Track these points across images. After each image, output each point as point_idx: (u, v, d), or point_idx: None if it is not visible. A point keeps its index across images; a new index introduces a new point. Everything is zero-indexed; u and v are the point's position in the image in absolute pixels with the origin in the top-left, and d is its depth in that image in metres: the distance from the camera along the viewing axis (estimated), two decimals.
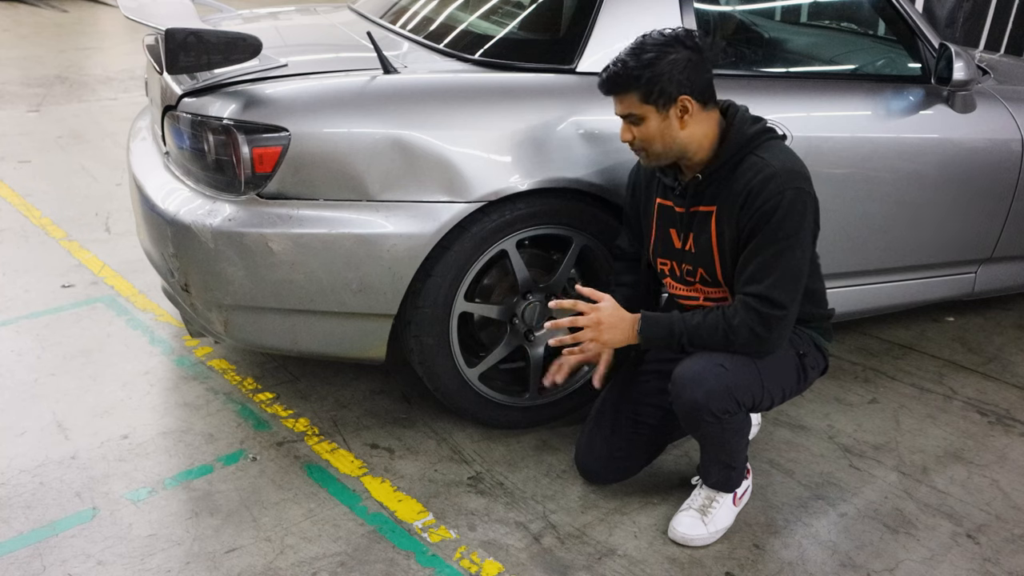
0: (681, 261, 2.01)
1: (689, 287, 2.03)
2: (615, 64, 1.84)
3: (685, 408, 1.89)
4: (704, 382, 1.85)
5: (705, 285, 2.00)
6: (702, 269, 1.97)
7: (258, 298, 2.09)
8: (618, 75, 1.83)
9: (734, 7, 2.79)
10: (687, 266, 2.00)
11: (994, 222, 2.83)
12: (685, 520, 2.02)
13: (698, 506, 2.04)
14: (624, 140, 1.91)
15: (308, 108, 2.03)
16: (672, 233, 2.01)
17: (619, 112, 1.88)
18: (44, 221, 3.70)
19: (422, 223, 2.06)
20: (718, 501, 2.04)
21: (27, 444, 2.25)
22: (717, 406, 1.86)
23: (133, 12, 2.17)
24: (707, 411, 1.86)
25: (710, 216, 1.92)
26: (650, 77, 1.80)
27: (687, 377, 1.88)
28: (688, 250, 1.99)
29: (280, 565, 1.89)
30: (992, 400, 2.72)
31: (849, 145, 2.46)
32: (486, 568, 1.92)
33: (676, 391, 1.89)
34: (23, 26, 8.41)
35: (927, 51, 2.63)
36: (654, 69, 1.80)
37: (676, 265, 2.03)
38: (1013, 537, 2.11)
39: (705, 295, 2.01)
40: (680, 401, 1.89)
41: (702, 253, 1.95)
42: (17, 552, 1.89)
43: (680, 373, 1.89)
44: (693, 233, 1.96)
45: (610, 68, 1.85)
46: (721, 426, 1.90)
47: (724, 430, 1.91)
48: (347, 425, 2.41)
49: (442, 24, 2.59)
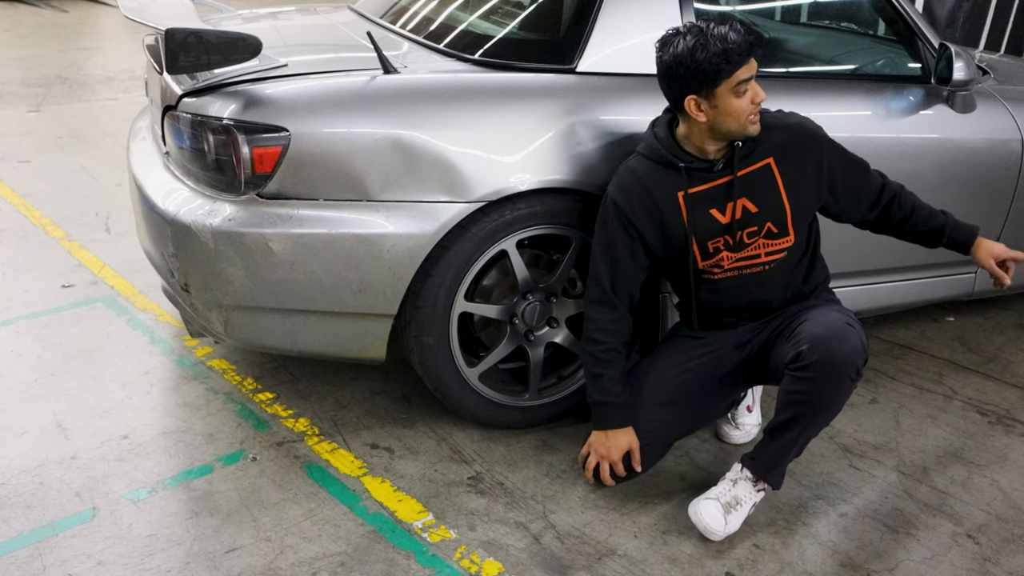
0: (739, 229, 2.04)
1: (749, 247, 2.06)
2: (732, 30, 1.89)
3: (833, 365, 1.90)
4: (849, 339, 1.92)
5: (770, 238, 2.05)
6: (770, 223, 2.04)
7: (258, 298, 2.09)
8: (747, 40, 1.90)
9: (734, 7, 2.79)
10: (749, 228, 2.04)
11: (994, 222, 2.83)
12: (712, 510, 2.01)
13: (725, 501, 2.03)
14: (761, 100, 1.96)
15: (308, 108, 2.03)
16: (713, 213, 2.03)
17: (748, 75, 1.93)
18: (44, 221, 3.70)
19: (422, 223, 2.06)
20: (743, 504, 2.03)
21: (27, 444, 2.25)
22: (861, 362, 1.94)
23: (133, 12, 2.17)
24: (854, 368, 1.92)
25: (769, 167, 2.03)
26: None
27: (832, 336, 1.92)
28: (744, 215, 2.03)
29: (280, 565, 1.89)
30: (992, 400, 2.72)
31: (849, 145, 2.43)
32: (486, 568, 1.92)
33: (823, 350, 1.90)
34: (23, 26, 8.41)
35: (927, 51, 2.63)
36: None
37: (731, 237, 2.04)
38: (1013, 537, 2.11)
39: (767, 249, 2.06)
40: (829, 359, 1.90)
41: (769, 206, 2.03)
42: (17, 552, 1.89)
43: (820, 334, 1.93)
44: (747, 195, 2.02)
45: (735, 37, 1.88)
46: (852, 387, 1.95)
47: (850, 392, 1.96)
48: (347, 425, 2.41)
49: (442, 24, 2.59)
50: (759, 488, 2.05)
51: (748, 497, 2.04)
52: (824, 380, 1.92)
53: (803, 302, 2.13)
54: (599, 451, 2.10)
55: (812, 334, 1.94)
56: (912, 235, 2.22)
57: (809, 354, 1.91)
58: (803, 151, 2.06)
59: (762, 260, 2.07)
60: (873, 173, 2.17)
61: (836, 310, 2.05)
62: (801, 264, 2.14)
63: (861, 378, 1.97)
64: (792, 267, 2.11)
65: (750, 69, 1.92)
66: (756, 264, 2.08)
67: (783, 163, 2.04)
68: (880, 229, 2.23)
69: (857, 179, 2.14)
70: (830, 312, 2.02)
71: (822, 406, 1.97)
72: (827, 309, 2.05)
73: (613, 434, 2.09)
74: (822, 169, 2.08)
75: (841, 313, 2.03)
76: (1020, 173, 2.77)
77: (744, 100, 1.93)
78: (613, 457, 2.08)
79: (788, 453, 2.04)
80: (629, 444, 2.08)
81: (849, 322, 1.97)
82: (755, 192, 2.03)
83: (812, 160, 2.07)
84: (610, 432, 2.09)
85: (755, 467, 2.05)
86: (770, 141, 2.04)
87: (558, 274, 2.29)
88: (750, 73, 1.92)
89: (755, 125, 1.97)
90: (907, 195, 2.18)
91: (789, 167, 2.04)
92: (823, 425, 2.02)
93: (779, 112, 2.11)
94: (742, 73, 1.90)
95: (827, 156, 2.08)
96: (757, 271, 2.08)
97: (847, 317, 2.00)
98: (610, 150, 2.17)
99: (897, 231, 2.22)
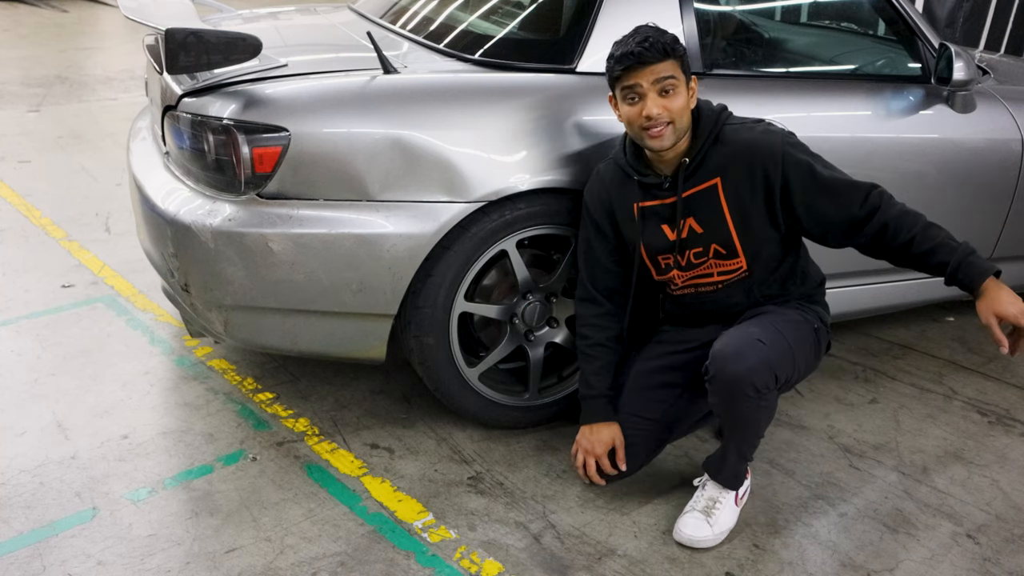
0: (685, 248, 2.02)
1: (698, 268, 2.04)
2: (644, 36, 1.86)
3: (727, 382, 1.88)
4: (746, 357, 1.87)
5: (720, 259, 2.01)
6: (716, 244, 1.99)
7: (258, 298, 2.09)
8: (658, 42, 1.85)
9: (734, 7, 2.79)
10: (696, 249, 2.01)
11: (994, 222, 2.83)
12: (690, 522, 2.02)
13: (701, 507, 2.04)
14: (652, 115, 1.86)
15: (308, 108, 2.03)
16: (664, 229, 2.02)
17: (650, 81, 1.86)
18: (44, 221, 3.70)
19: (422, 223, 2.06)
20: (721, 502, 2.04)
21: (27, 444, 2.25)
22: (759, 380, 1.87)
23: (133, 12, 2.17)
24: (750, 386, 1.86)
25: (715, 189, 1.95)
26: (683, 49, 1.90)
27: (729, 353, 1.88)
28: (690, 235, 2.00)
29: (280, 565, 1.89)
30: (992, 400, 2.72)
31: (849, 145, 2.46)
32: (486, 568, 1.92)
33: (718, 366, 1.89)
34: (23, 26, 8.41)
35: (927, 51, 2.63)
36: (680, 44, 1.90)
37: (679, 256, 2.03)
38: (1013, 537, 2.11)
39: (719, 269, 2.03)
40: (722, 376, 1.88)
41: (714, 228, 1.98)
42: (17, 552, 1.89)
43: (720, 350, 1.90)
44: (693, 216, 1.98)
45: (639, 40, 1.85)
46: (758, 403, 1.90)
47: (759, 408, 1.92)
48: (347, 425, 2.41)
49: (442, 24, 2.59)
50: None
51: (724, 493, 2.05)
52: (723, 396, 1.92)
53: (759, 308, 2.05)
54: (583, 446, 2.10)
55: (715, 349, 1.91)
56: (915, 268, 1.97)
57: (710, 368, 1.91)
58: (752, 171, 1.93)
59: (714, 280, 2.04)
60: (857, 198, 1.92)
61: (759, 324, 1.95)
62: (770, 279, 2.05)
63: (769, 393, 1.89)
64: (755, 284, 2.04)
65: (643, 78, 1.85)
66: (709, 284, 2.05)
67: (729, 184, 1.94)
68: (877, 256, 2.00)
69: (827, 202, 1.92)
70: (749, 327, 1.95)
71: (734, 420, 1.97)
72: (753, 322, 1.98)
73: (597, 428, 2.09)
74: (773, 191, 1.93)
75: (759, 327, 1.93)
76: (1020, 173, 2.77)
77: (634, 109, 1.89)
78: (597, 451, 2.07)
79: (730, 457, 2.04)
80: (612, 439, 2.08)
81: (760, 339, 1.89)
82: (700, 214, 1.98)
83: (760, 181, 1.93)
84: (594, 426, 2.09)
85: (709, 467, 2.09)
86: (720, 159, 1.94)
87: (558, 274, 2.29)
88: (642, 81, 1.86)
89: (654, 140, 1.89)
90: (905, 225, 1.90)
91: (734, 188, 1.94)
92: (750, 435, 2.00)
93: (746, 122, 1.98)
94: (628, 79, 1.87)
95: (783, 176, 1.91)
96: (711, 290, 2.06)
97: (764, 332, 1.91)
98: (610, 150, 2.16)
99: (897, 262, 1.97)
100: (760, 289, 2.05)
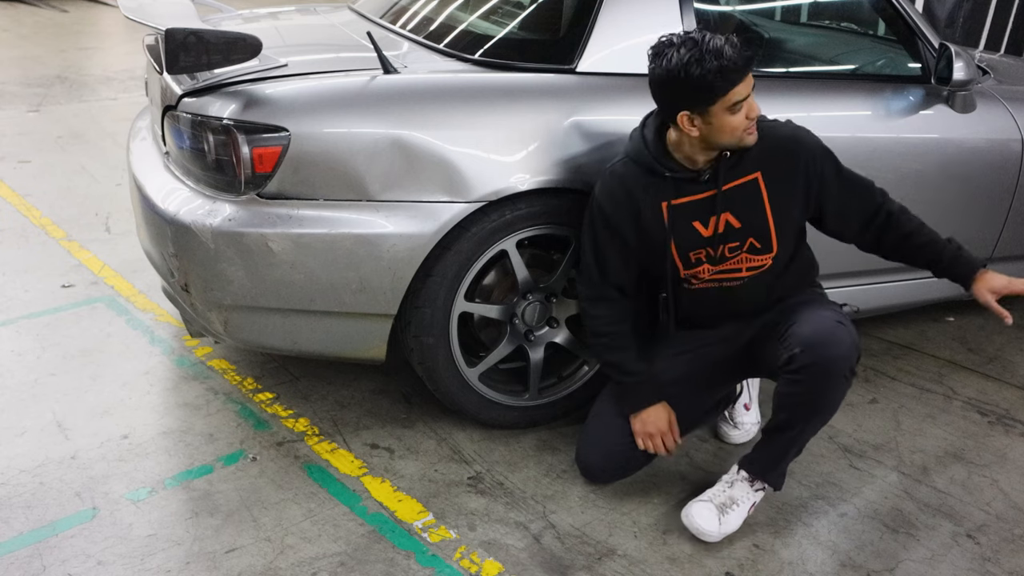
0: (720, 243, 2.00)
1: (730, 261, 2.03)
2: (729, 50, 1.80)
3: (824, 368, 1.88)
4: (841, 340, 1.89)
5: (752, 253, 2.01)
6: (752, 238, 2.00)
7: (258, 298, 2.09)
8: (744, 55, 1.83)
9: (734, 7, 2.79)
10: (731, 244, 2.01)
11: (994, 222, 2.83)
12: (704, 512, 2.01)
13: (719, 503, 2.03)
14: (756, 115, 1.89)
15: (308, 108, 2.03)
16: (696, 226, 2.00)
17: (746, 94, 1.86)
18: (44, 221, 3.70)
19: (422, 223, 2.06)
20: (739, 504, 2.03)
21: (27, 444, 2.25)
22: (855, 360, 1.91)
23: (133, 12, 2.17)
24: (848, 368, 1.90)
25: (756, 182, 1.97)
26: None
27: (822, 338, 1.89)
28: (726, 229, 1.99)
29: (280, 565, 1.90)
30: (992, 400, 2.72)
31: (849, 145, 2.45)
32: (486, 568, 1.92)
33: (815, 353, 1.88)
34: (23, 26, 8.41)
35: (927, 51, 2.63)
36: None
37: (712, 250, 2.02)
38: (1013, 537, 2.11)
39: (748, 264, 2.03)
40: (821, 361, 1.88)
41: (752, 222, 1.99)
42: (17, 552, 1.89)
43: (810, 336, 1.90)
44: (731, 210, 1.98)
45: (728, 53, 1.80)
46: (847, 386, 1.93)
47: (846, 391, 1.94)
48: (347, 425, 2.41)
49: (442, 24, 2.59)
50: (757, 488, 2.05)
51: (745, 498, 2.04)
52: (818, 383, 1.91)
53: (790, 299, 2.08)
54: (648, 430, 2.10)
55: (802, 336, 1.91)
56: (908, 261, 2.09)
57: (801, 357, 1.89)
58: (793, 164, 1.98)
59: (742, 275, 2.04)
60: (873, 194, 2.05)
61: (825, 307, 2.01)
62: (787, 270, 2.08)
63: (855, 376, 1.95)
64: (775, 277, 2.06)
65: (747, 86, 1.84)
66: (736, 278, 2.05)
67: (771, 177, 1.97)
68: (873, 251, 2.12)
69: (851, 197, 2.04)
70: (819, 311, 1.98)
71: (818, 407, 1.96)
72: (816, 307, 2.00)
73: (652, 411, 2.10)
74: (812, 183, 2.00)
75: (830, 310, 1.99)
76: (1020, 173, 2.78)
77: (739, 116, 1.86)
78: (663, 428, 2.10)
79: (787, 454, 2.04)
80: (668, 414, 2.11)
81: (840, 320, 1.94)
82: (739, 207, 1.98)
83: (802, 173, 1.99)
84: (648, 410, 2.10)
85: (752, 468, 2.05)
86: (760, 153, 1.96)
87: (558, 274, 2.29)
88: (747, 91, 1.85)
89: (751, 136, 1.91)
90: (906, 220, 2.04)
91: (777, 181, 1.98)
92: (821, 424, 2.01)
93: (775, 121, 2.03)
94: (739, 91, 1.83)
95: (819, 169, 2.00)
96: (735, 285, 2.06)
97: (836, 314, 1.97)
98: (610, 150, 2.16)
99: (892, 255, 2.10)
100: (780, 281, 2.07)
